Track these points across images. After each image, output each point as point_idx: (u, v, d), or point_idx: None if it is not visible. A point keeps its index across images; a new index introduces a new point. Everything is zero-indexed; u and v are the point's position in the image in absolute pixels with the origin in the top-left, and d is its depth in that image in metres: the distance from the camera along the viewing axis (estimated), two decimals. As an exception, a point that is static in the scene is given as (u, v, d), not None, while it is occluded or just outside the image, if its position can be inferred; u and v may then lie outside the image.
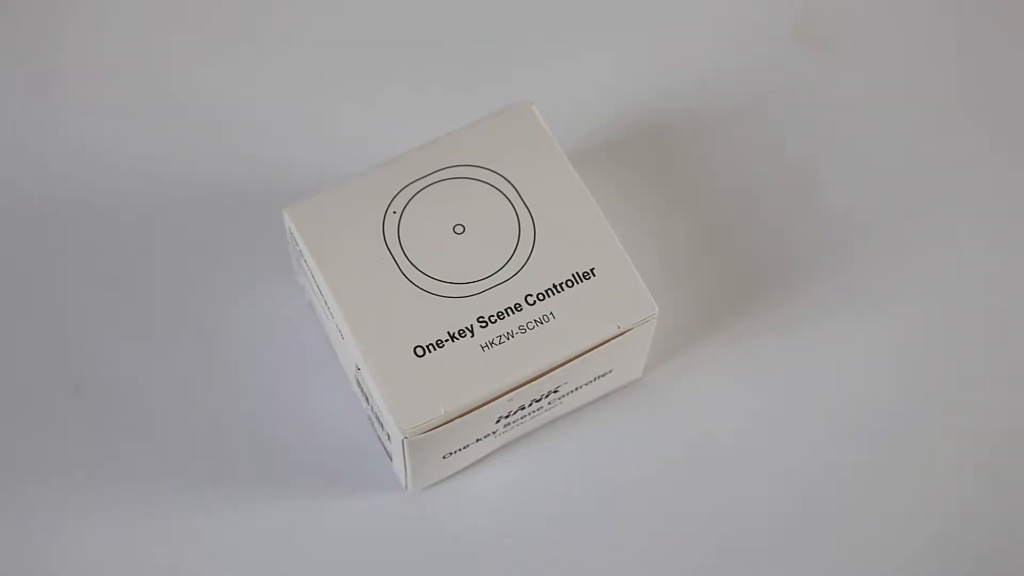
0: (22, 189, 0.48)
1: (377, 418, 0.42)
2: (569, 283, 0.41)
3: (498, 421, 0.42)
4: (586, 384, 0.43)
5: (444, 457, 0.42)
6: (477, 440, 0.42)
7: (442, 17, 0.51)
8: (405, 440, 0.40)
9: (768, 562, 0.44)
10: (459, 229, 0.42)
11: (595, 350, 0.41)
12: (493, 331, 0.41)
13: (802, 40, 0.50)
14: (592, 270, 0.41)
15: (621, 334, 0.41)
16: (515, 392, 0.40)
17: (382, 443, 0.43)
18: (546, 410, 0.43)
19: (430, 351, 0.40)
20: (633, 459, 0.45)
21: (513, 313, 0.41)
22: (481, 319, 0.41)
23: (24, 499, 0.44)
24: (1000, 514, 0.44)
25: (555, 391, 0.42)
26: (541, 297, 0.41)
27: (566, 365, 0.41)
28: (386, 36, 0.50)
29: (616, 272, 0.41)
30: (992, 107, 0.50)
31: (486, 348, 0.40)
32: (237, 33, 0.50)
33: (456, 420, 0.40)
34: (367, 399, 0.42)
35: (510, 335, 0.41)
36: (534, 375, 0.40)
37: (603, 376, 0.43)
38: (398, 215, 0.42)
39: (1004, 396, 0.45)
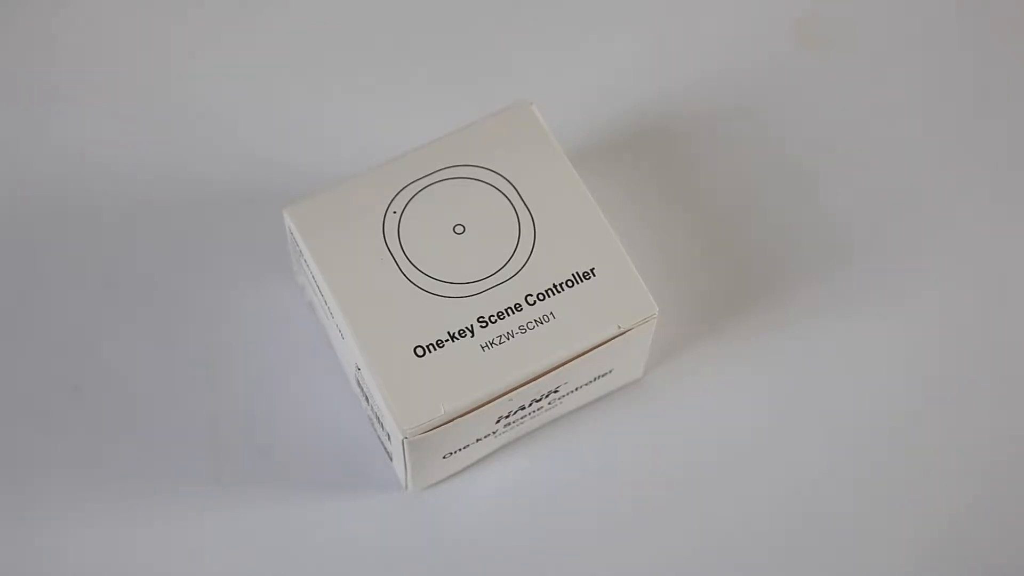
0: (22, 189, 0.48)
1: (377, 418, 0.42)
2: (569, 283, 0.41)
3: (498, 421, 0.42)
4: (586, 384, 0.43)
5: (444, 457, 0.42)
6: (477, 440, 0.42)
7: (442, 17, 0.51)
8: (405, 440, 0.40)
9: (770, 562, 0.43)
10: (459, 229, 0.42)
11: (595, 350, 0.41)
12: (493, 331, 0.41)
13: (802, 40, 0.50)
14: (592, 270, 0.41)
15: (621, 334, 0.41)
16: (515, 392, 0.40)
17: (382, 443, 0.43)
18: (546, 410, 0.43)
19: (430, 351, 0.40)
20: (633, 459, 0.45)
21: (513, 313, 0.41)
22: (481, 319, 0.41)
23: (24, 499, 0.44)
24: (1003, 512, 0.44)
25: (555, 391, 0.42)
26: (541, 297, 0.41)
27: (566, 365, 0.41)
28: (386, 36, 0.50)
29: (616, 272, 0.41)
30: (992, 106, 0.50)
31: (486, 348, 0.40)
32: (237, 33, 0.50)
33: (456, 420, 0.40)
34: (367, 399, 0.42)
35: (510, 335, 0.41)
36: (534, 375, 0.40)
37: (603, 376, 0.43)
38: (398, 215, 0.42)
39: (1006, 396, 0.45)
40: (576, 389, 0.43)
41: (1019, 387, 0.46)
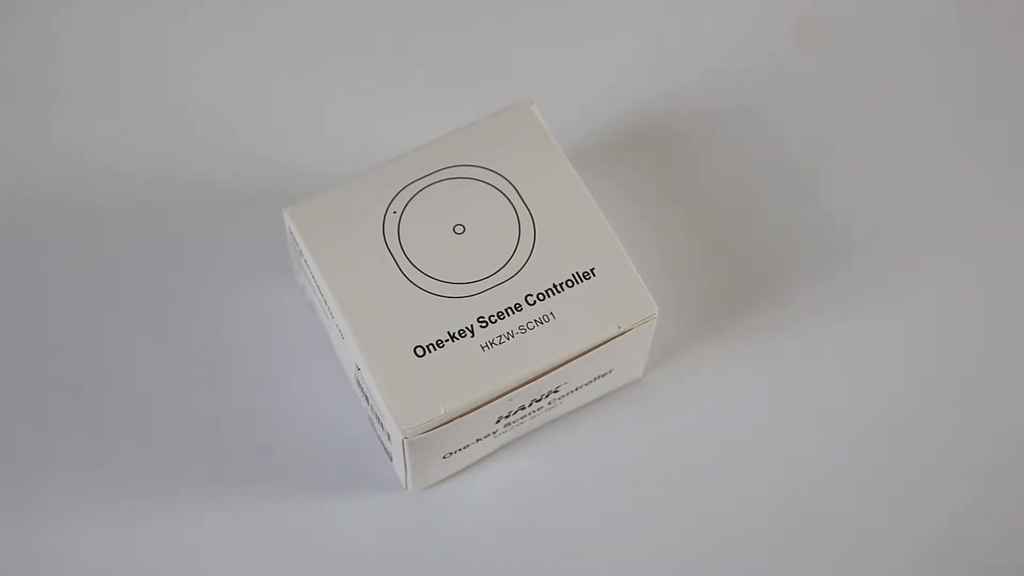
0: (22, 189, 0.48)
1: (377, 418, 0.42)
2: (569, 283, 0.41)
3: (498, 421, 0.42)
4: (586, 384, 0.43)
5: (444, 457, 0.42)
6: (477, 440, 0.42)
7: (442, 17, 0.51)
8: (405, 440, 0.40)
9: (770, 562, 0.43)
10: (459, 229, 0.42)
11: (595, 350, 0.41)
12: (493, 331, 0.41)
13: (802, 40, 0.50)
14: (592, 270, 0.41)
15: (621, 334, 0.41)
16: (515, 392, 0.40)
17: (382, 443, 0.43)
18: (546, 410, 0.43)
19: (430, 351, 0.40)
20: (633, 459, 0.45)
21: (513, 313, 0.41)
22: (481, 319, 0.41)
23: (24, 499, 0.44)
24: (1003, 512, 0.44)
25: (555, 391, 0.42)
26: (541, 297, 0.41)
27: (566, 365, 0.41)
28: (386, 36, 0.50)
29: (616, 272, 0.41)
30: (992, 106, 0.50)
31: (486, 348, 0.40)
32: (237, 33, 0.50)
33: (456, 420, 0.40)
34: (367, 399, 0.42)
35: (510, 335, 0.41)
36: (534, 375, 0.40)
37: (603, 376, 0.43)
38: (398, 215, 0.42)
39: (1006, 396, 0.45)
40: (576, 389, 0.43)
41: (1019, 387, 0.46)
